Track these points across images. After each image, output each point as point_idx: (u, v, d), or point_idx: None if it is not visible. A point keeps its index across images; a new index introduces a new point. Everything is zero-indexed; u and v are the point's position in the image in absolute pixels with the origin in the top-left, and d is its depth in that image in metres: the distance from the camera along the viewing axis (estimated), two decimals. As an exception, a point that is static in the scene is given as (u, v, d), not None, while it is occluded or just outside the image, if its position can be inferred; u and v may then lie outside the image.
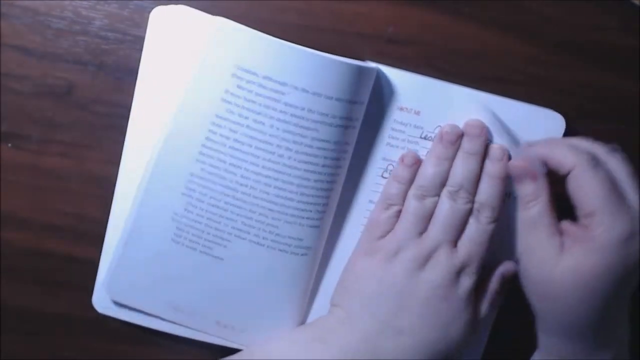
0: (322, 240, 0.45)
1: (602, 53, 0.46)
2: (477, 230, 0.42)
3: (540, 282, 0.41)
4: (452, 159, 0.43)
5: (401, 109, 0.44)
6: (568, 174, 0.40)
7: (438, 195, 0.42)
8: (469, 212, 0.42)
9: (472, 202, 0.42)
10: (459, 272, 0.42)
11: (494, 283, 0.44)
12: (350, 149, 0.43)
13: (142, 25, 0.42)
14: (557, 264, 0.39)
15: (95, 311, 0.45)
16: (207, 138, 0.41)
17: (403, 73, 0.43)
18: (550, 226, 0.41)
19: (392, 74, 0.43)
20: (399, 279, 0.41)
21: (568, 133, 0.44)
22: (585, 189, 0.39)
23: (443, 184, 0.42)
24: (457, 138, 0.43)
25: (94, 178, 0.45)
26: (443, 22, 0.44)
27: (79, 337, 0.48)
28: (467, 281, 0.42)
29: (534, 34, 0.45)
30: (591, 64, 0.46)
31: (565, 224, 0.41)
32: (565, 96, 0.46)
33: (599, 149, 0.41)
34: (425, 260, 0.42)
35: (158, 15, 0.41)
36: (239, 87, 0.40)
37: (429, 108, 0.43)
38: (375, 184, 0.44)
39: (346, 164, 0.43)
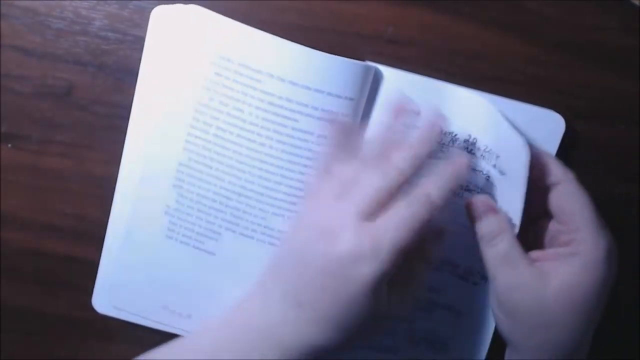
0: None
1: (602, 53, 0.46)
2: (396, 211, 0.37)
3: (534, 311, 0.39)
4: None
5: None
6: (550, 186, 0.40)
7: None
8: (394, 188, 0.38)
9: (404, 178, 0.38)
10: (361, 256, 0.36)
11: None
12: None
13: (142, 25, 0.42)
14: (546, 286, 0.38)
15: (95, 311, 0.45)
16: (192, 126, 0.42)
17: (403, 73, 0.43)
18: (525, 254, 0.39)
19: (393, 74, 0.43)
20: (299, 246, 0.38)
21: (568, 133, 0.44)
22: (574, 204, 0.39)
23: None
24: (401, 112, 0.41)
25: (93, 178, 0.45)
26: (443, 22, 0.44)
27: (78, 337, 0.48)
28: (366, 269, 0.36)
29: (534, 34, 0.45)
30: (591, 64, 0.46)
31: (534, 253, 0.40)
32: (565, 96, 0.46)
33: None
34: (330, 230, 0.37)
35: (159, 15, 0.41)
36: (217, 74, 0.41)
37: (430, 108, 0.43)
38: None
39: None
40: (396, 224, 0.37)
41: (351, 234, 0.36)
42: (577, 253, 0.39)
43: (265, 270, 0.39)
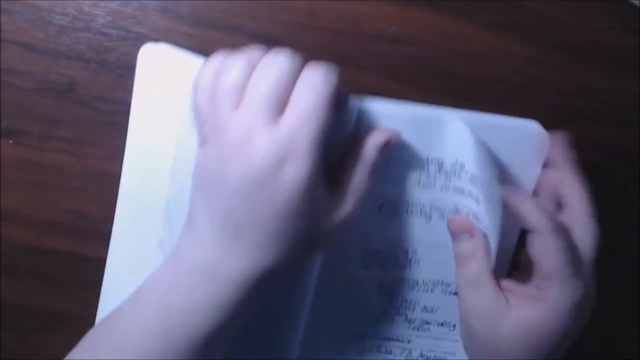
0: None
1: (601, 53, 0.46)
2: (299, 97, 0.34)
3: (488, 339, 0.39)
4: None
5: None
6: (529, 231, 0.40)
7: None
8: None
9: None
10: (283, 157, 0.33)
11: (369, 152, 0.38)
12: None
13: (145, 23, 0.43)
14: (505, 318, 0.38)
15: (95, 309, 0.45)
16: (174, 160, 0.42)
17: (383, 105, 0.40)
18: (493, 282, 0.39)
19: (373, 107, 0.40)
20: (217, 169, 0.35)
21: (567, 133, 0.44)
22: (547, 253, 0.38)
23: None
24: None
25: (95, 175, 0.45)
26: (443, 22, 0.45)
27: (79, 336, 0.48)
28: (292, 169, 0.33)
29: (534, 34, 0.45)
30: (590, 64, 0.46)
31: (507, 282, 0.40)
32: (564, 96, 0.46)
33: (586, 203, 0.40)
34: (242, 142, 0.34)
35: (146, 54, 0.41)
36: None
37: (415, 137, 0.41)
38: (369, 219, 0.43)
39: None
40: (305, 110, 0.33)
41: (264, 137, 0.33)
42: (543, 299, 0.38)
43: (192, 202, 0.37)
